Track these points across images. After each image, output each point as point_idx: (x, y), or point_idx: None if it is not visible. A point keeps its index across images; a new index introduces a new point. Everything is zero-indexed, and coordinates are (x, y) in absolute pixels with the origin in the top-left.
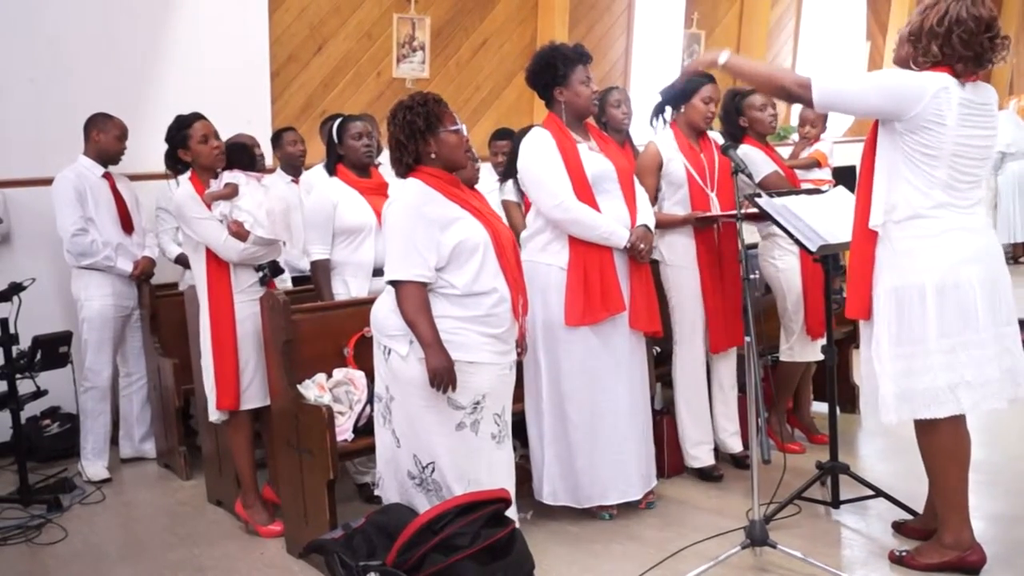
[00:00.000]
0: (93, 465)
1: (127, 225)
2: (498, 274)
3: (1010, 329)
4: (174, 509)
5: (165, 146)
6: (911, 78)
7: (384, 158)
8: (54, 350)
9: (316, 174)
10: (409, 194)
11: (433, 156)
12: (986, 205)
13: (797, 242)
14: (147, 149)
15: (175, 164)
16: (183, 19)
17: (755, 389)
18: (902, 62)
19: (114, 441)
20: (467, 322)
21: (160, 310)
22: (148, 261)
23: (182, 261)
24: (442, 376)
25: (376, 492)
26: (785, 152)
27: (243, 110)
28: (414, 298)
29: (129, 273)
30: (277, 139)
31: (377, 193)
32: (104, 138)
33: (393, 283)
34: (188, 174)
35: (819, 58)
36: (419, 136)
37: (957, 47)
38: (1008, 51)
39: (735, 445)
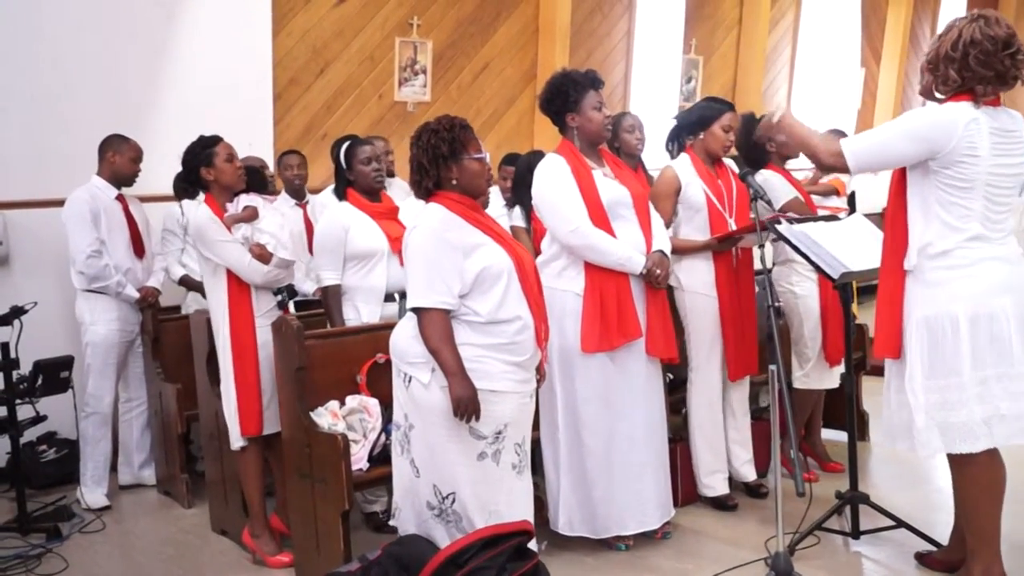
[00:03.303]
0: (92, 492)
1: (139, 249)
2: (522, 301)
3: None
4: (177, 538)
5: (168, 167)
6: (938, 115)
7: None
8: (55, 375)
9: (327, 196)
10: (432, 220)
11: (454, 182)
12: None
13: (818, 269)
14: (151, 171)
15: (189, 186)
16: (185, 40)
17: (790, 419)
18: (926, 92)
19: (112, 468)
20: (490, 350)
21: (163, 335)
22: (153, 291)
23: (186, 283)
24: (466, 405)
25: (392, 522)
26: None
27: (245, 132)
28: (438, 326)
29: (135, 300)
30: (279, 163)
31: (388, 217)
32: (120, 160)
33: (416, 310)
34: (202, 197)
35: (815, 84)
36: (442, 161)
37: (976, 68)
38: None
39: (749, 473)
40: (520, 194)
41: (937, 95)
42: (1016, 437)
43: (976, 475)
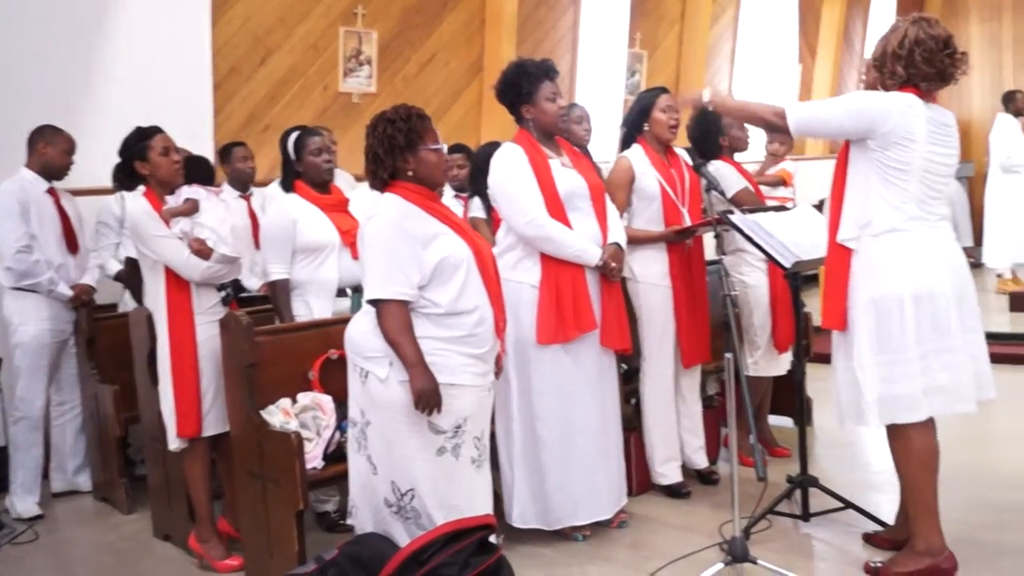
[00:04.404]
0: (23, 501)
1: (72, 244)
2: (481, 291)
3: (975, 335)
4: (117, 546)
5: (105, 160)
6: (878, 99)
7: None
8: None
9: (275, 188)
10: (390, 210)
11: (410, 173)
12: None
13: (771, 258)
14: (83, 163)
15: (125, 179)
16: (120, 26)
17: (748, 406)
18: (871, 87)
19: (44, 474)
20: (449, 343)
21: (99, 334)
22: (87, 289)
23: (122, 278)
24: (428, 397)
25: (348, 521)
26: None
27: (184, 122)
28: (397, 318)
29: (68, 298)
30: (226, 154)
31: (338, 210)
32: (52, 151)
33: (374, 302)
34: (141, 189)
35: (754, 78)
36: (398, 152)
37: (920, 66)
38: (967, 65)
39: (701, 460)
40: (478, 185)
41: (881, 90)
42: (953, 406)
43: (913, 449)
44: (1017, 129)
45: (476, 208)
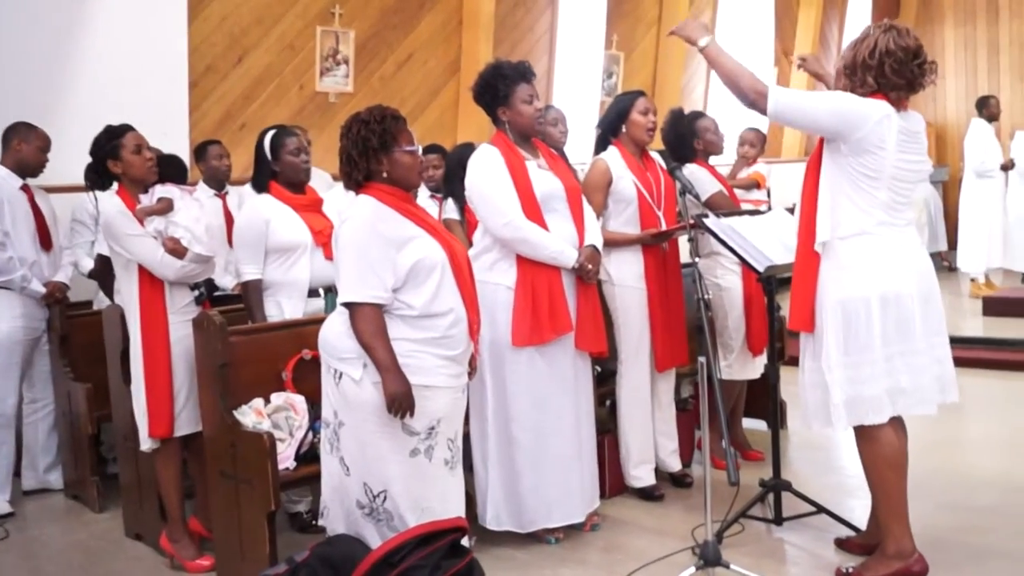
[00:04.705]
0: None
1: (45, 241)
2: (455, 294)
3: (939, 339)
4: (88, 545)
5: (79, 157)
6: (859, 104)
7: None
8: None
9: (249, 188)
10: (364, 212)
11: (385, 175)
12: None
13: (745, 262)
14: (58, 161)
15: (98, 178)
16: (96, 23)
17: (721, 410)
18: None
19: (15, 472)
20: (423, 345)
21: (72, 332)
22: (61, 286)
23: (95, 276)
24: (400, 401)
25: (320, 522)
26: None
27: (159, 121)
28: (371, 320)
29: (41, 295)
30: (202, 152)
31: (311, 210)
32: (26, 148)
33: (347, 305)
34: (115, 188)
35: None
36: (371, 154)
37: (890, 76)
38: (935, 75)
39: (674, 464)
40: (452, 186)
41: None
42: (914, 408)
43: (881, 451)
44: (991, 134)
45: (450, 210)
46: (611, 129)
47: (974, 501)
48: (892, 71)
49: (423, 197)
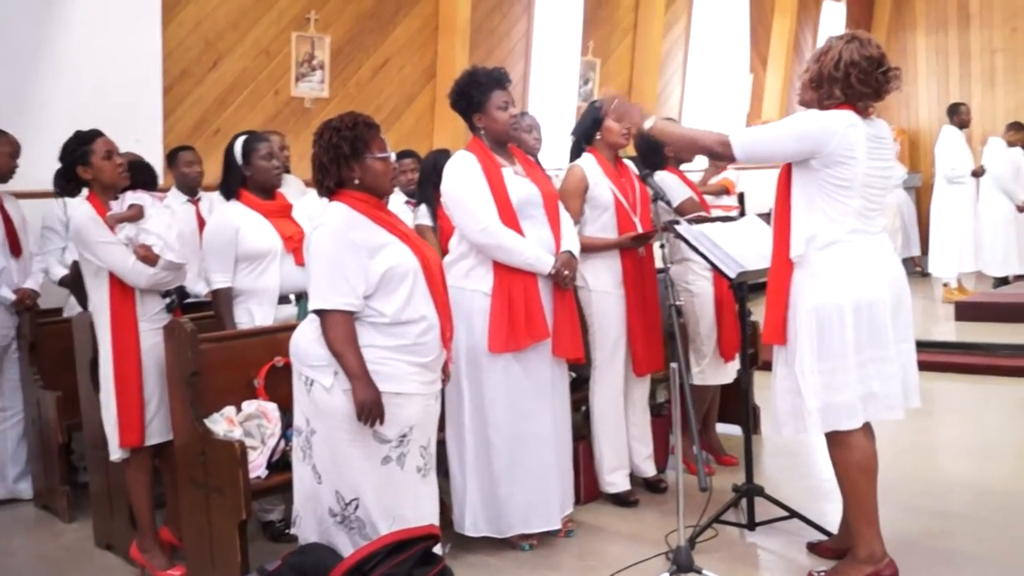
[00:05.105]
0: None
1: (15, 247)
2: (427, 301)
3: (907, 345)
4: (58, 555)
5: (50, 163)
6: (820, 119)
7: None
8: None
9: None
10: (336, 219)
11: (357, 181)
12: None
13: (716, 268)
14: (28, 166)
15: (67, 184)
16: (68, 27)
17: (691, 416)
18: (807, 107)
19: None
20: (395, 352)
21: (42, 339)
22: (31, 293)
23: (67, 283)
24: (370, 409)
25: (292, 531)
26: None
27: (133, 127)
28: (341, 328)
29: (11, 302)
30: (173, 159)
31: (281, 216)
32: None
33: (318, 312)
34: (85, 194)
35: (706, 88)
36: (343, 161)
37: (857, 86)
38: (900, 80)
39: (649, 469)
40: (426, 192)
41: (819, 109)
42: (884, 413)
43: (853, 455)
44: (961, 141)
45: (422, 216)
46: (586, 136)
47: (945, 505)
48: (858, 81)
49: (397, 203)
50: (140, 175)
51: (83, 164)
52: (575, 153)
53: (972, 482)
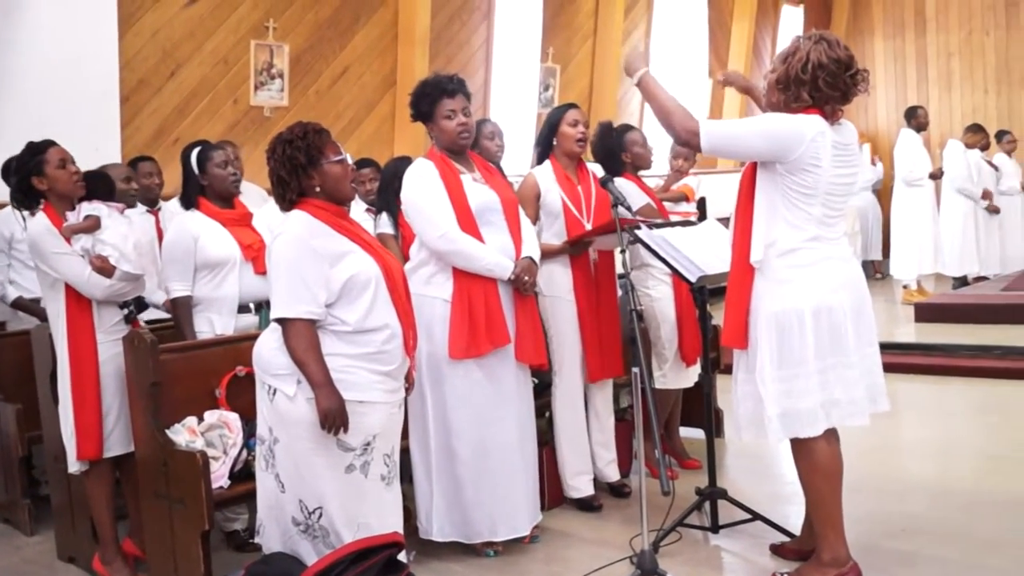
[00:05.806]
0: None
1: None
2: (390, 309)
3: (871, 350)
4: (20, 569)
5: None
6: (791, 123)
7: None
8: None
9: (174, 205)
10: (297, 227)
11: (318, 189)
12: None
13: (677, 273)
14: None
15: (24, 198)
16: (23, 36)
17: (653, 420)
18: (774, 108)
19: None
20: (357, 360)
21: (1, 351)
22: None
23: (20, 306)
24: (334, 418)
25: (255, 540)
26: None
27: (91, 137)
28: (303, 336)
29: None
30: (131, 169)
31: (241, 224)
32: None
33: (280, 320)
34: (41, 206)
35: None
36: (301, 171)
37: (824, 89)
38: (868, 82)
39: (612, 474)
40: (386, 200)
41: (785, 112)
42: (846, 419)
43: (817, 461)
44: (919, 144)
45: (384, 224)
46: (546, 143)
47: (907, 506)
48: (826, 84)
49: (358, 211)
50: (96, 185)
51: (37, 174)
52: (540, 162)
53: (933, 482)
